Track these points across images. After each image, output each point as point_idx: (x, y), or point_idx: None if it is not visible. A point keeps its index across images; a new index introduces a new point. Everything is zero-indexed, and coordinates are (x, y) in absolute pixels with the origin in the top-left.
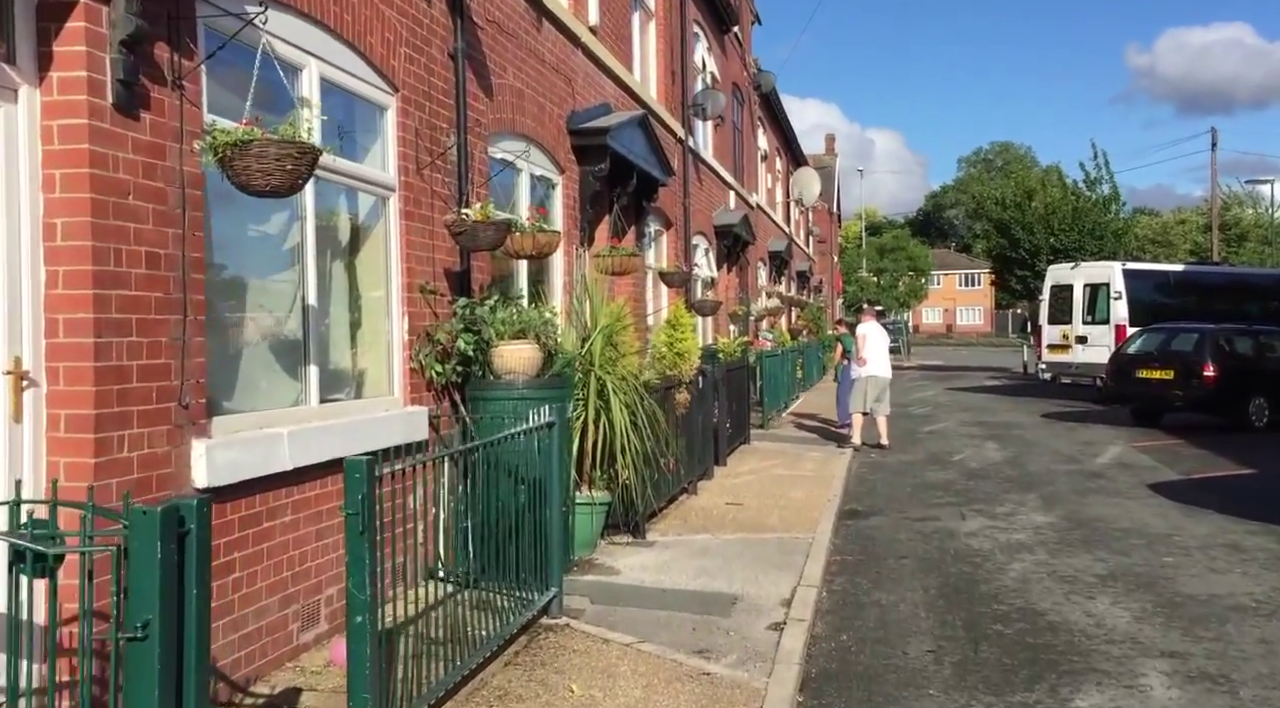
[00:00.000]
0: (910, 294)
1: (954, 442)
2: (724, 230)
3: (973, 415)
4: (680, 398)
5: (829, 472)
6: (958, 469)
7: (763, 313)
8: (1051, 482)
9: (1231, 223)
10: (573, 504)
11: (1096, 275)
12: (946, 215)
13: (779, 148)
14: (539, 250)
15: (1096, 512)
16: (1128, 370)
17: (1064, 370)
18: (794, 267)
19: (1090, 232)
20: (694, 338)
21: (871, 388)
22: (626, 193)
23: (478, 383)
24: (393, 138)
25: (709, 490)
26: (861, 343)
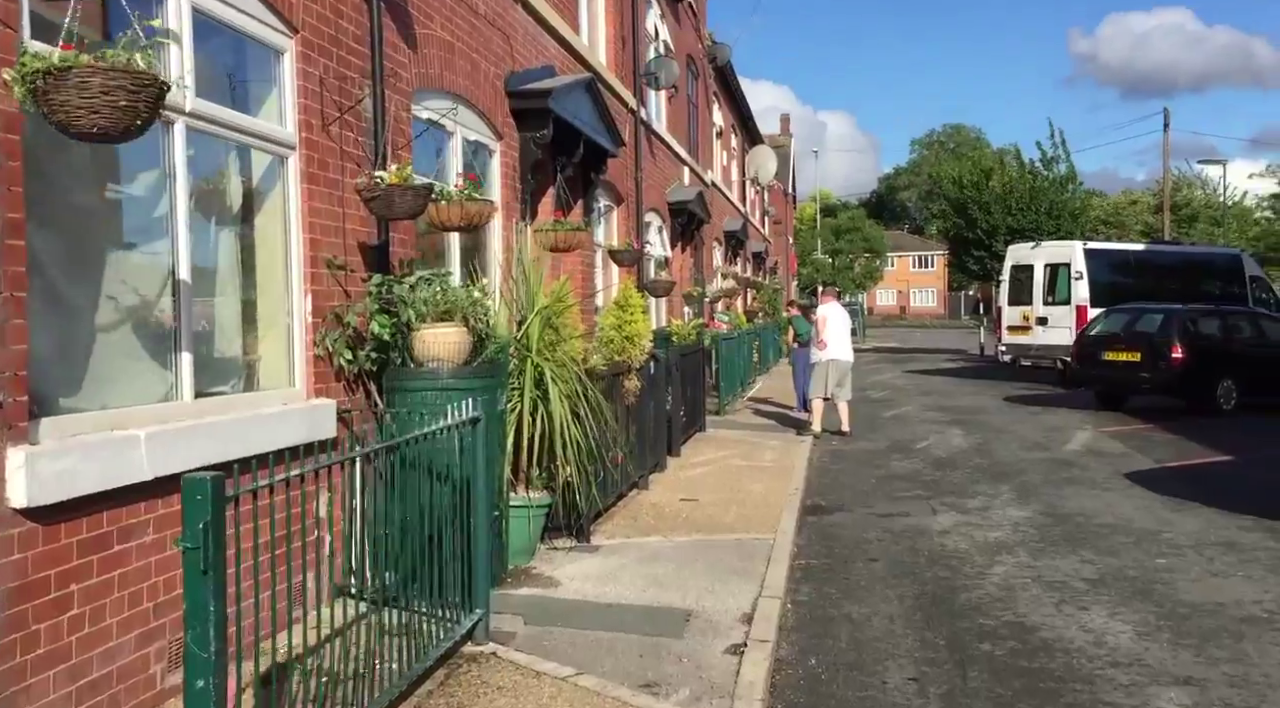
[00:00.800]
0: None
1: (917, 428)
2: (678, 208)
3: (934, 399)
4: (630, 385)
5: (789, 462)
6: (924, 458)
7: (718, 294)
8: (1023, 471)
9: (1182, 204)
10: (506, 508)
11: (1057, 255)
12: (899, 197)
13: (734, 125)
14: (468, 221)
15: (1076, 505)
16: (1093, 353)
17: (1024, 353)
18: (750, 247)
19: (1048, 211)
20: (645, 320)
21: (833, 373)
22: (572, 163)
23: (397, 372)
24: (292, 88)
25: (662, 485)
26: (821, 325)
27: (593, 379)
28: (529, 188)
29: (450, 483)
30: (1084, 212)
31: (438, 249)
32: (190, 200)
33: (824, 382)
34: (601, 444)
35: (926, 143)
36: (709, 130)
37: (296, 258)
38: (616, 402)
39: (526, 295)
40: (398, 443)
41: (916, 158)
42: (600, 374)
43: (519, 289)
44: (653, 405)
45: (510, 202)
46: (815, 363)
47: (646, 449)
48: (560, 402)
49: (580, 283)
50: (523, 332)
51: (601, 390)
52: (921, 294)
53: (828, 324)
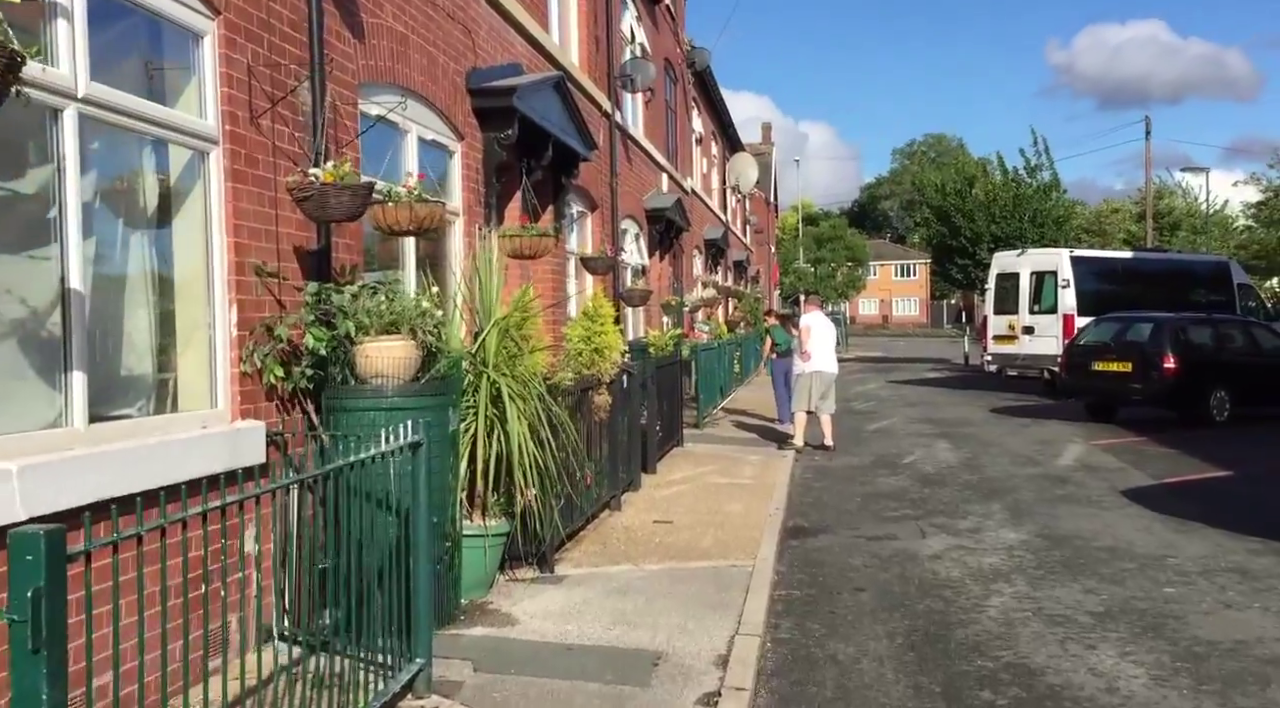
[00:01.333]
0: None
1: (903, 441)
2: (656, 215)
3: (919, 411)
4: (599, 401)
5: (770, 479)
6: (910, 474)
7: (698, 303)
8: (1015, 489)
9: (1164, 212)
10: (459, 537)
11: (1043, 263)
12: (881, 207)
13: (714, 132)
14: (419, 225)
15: (1072, 526)
16: (1082, 363)
17: (1010, 362)
18: (731, 256)
19: (1032, 219)
20: (616, 331)
21: (816, 385)
22: (541, 166)
23: (336, 390)
24: (214, 75)
25: (635, 505)
26: (805, 335)
27: (558, 395)
28: (494, 191)
29: (389, 515)
30: (1068, 219)
31: (393, 257)
32: (90, 198)
33: (807, 394)
34: (568, 465)
35: (908, 152)
36: (688, 137)
37: (219, 264)
38: (585, 418)
39: (483, 305)
40: (320, 475)
41: (898, 167)
42: (567, 390)
43: (476, 298)
44: (626, 421)
45: (472, 206)
46: (799, 374)
47: (619, 467)
48: (519, 421)
49: (550, 292)
50: (478, 344)
51: (569, 407)
52: (904, 303)
53: (811, 334)
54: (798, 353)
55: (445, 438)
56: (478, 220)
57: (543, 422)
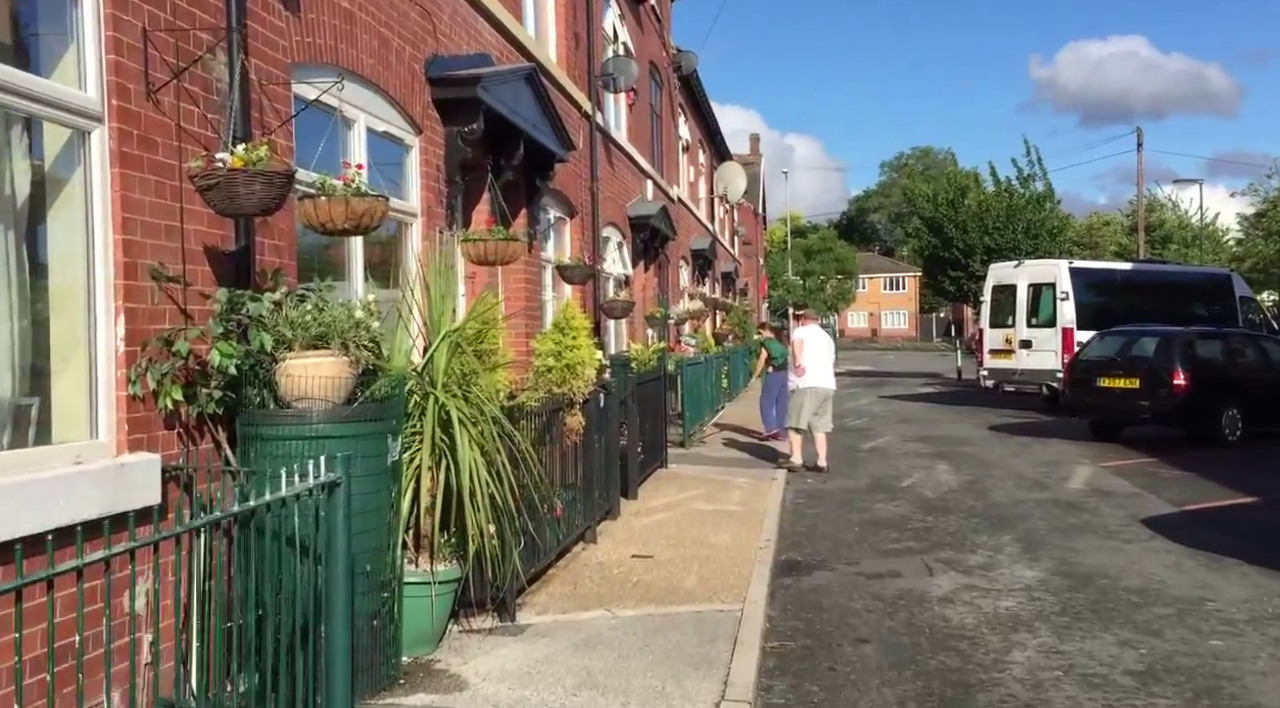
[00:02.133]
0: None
1: (900, 462)
2: (640, 222)
3: (914, 428)
4: (572, 423)
5: (760, 505)
6: (910, 499)
7: (684, 316)
8: (1025, 517)
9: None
10: (400, 586)
11: (1041, 274)
12: (870, 220)
13: (702, 140)
14: (356, 222)
15: (1093, 561)
16: (1087, 379)
17: (1008, 378)
18: (719, 267)
19: (1025, 230)
20: (590, 345)
21: (810, 401)
22: (511, 166)
23: (253, 416)
24: (96, 40)
25: (613, 536)
26: (799, 349)
27: (523, 418)
28: (457, 192)
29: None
30: (1062, 230)
31: (338, 264)
32: None
33: (800, 411)
34: (532, 497)
35: (896, 166)
36: (674, 143)
37: (102, 265)
38: (556, 442)
39: (430, 316)
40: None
41: (886, 180)
42: (531, 412)
43: (425, 309)
44: (603, 443)
45: (432, 207)
46: (792, 390)
47: (595, 496)
48: (470, 448)
49: (523, 303)
50: (426, 361)
51: (537, 430)
52: (893, 316)
53: (805, 348)
54: (791, 367)
55: (384, 471)
56: (439, 223)
57: (500, 449)
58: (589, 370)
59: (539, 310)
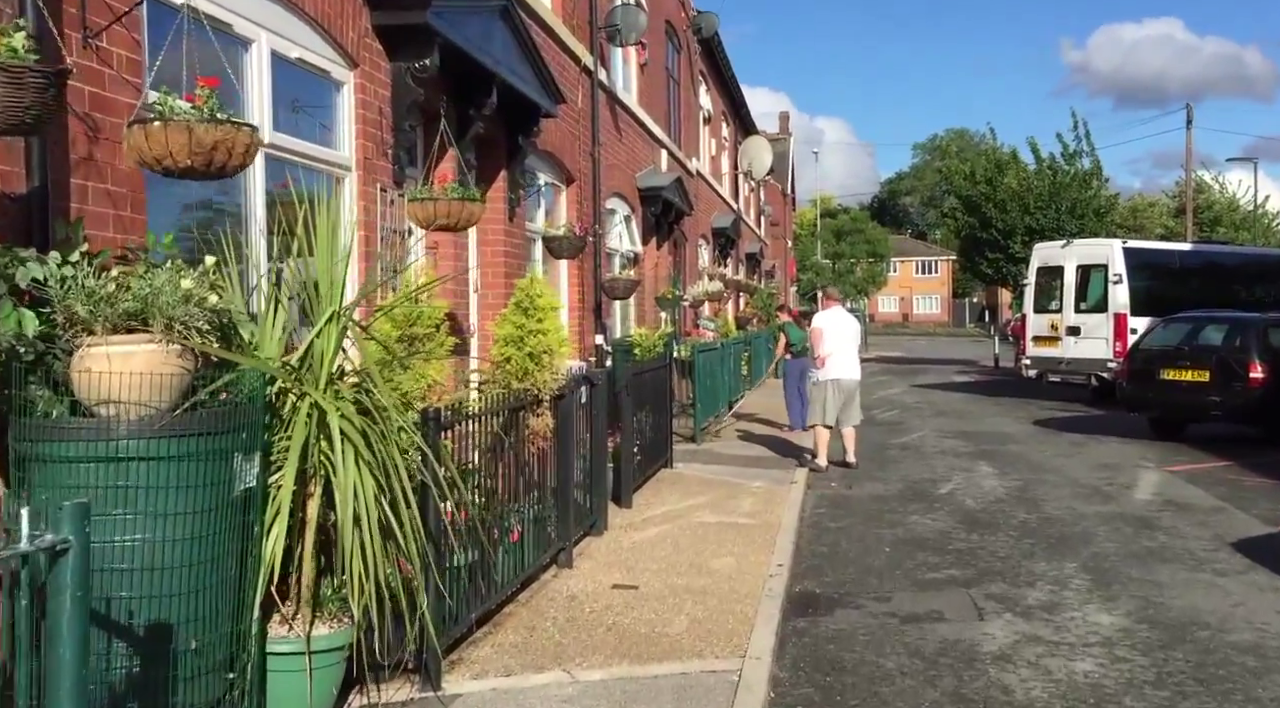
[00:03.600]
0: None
1: (936, 462)
2: (651, 195)
3: (951, 422)
4: (538, 425)
5: (774, 515)
6: (950, 510)
7: (701, 298)
8: (1089, 536)
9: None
10: (255, 658)
11: (1092, 255)
12: (901, 202)
13: (725, 112)
14: (208, 159)
15: (1185, 603)
16: (1148, 371)
17: (1052, 367)
18: (743, 248)
19: (1070, 210)
20: (560, 329)
21: (834, 396)
22: (483, 116)
23: (30, 427)
24: None
25: (595, 557)
26: (818, 339)
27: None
28: (406, 141)
29: None
30: (1110, 211)
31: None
32: None
33: (823, 407)
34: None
35: (929, 147)
36: (694, 114)
37: None
38: (516, 450)
39: (317, 289)
40: None
41: (919, 163)
42: (480, 413)
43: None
44: (590, 444)
45: (372, 159)
46: (814, 383)
47: (572, 510)
48: (356, 469)
49: (502, 280)
50: (304, 351)
51: (490, 435)
52: (925, 301)
53: (825, 336)
54: (811, 358)
55: (228, 504)
56: (382, 179)
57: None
58: (559, 360)
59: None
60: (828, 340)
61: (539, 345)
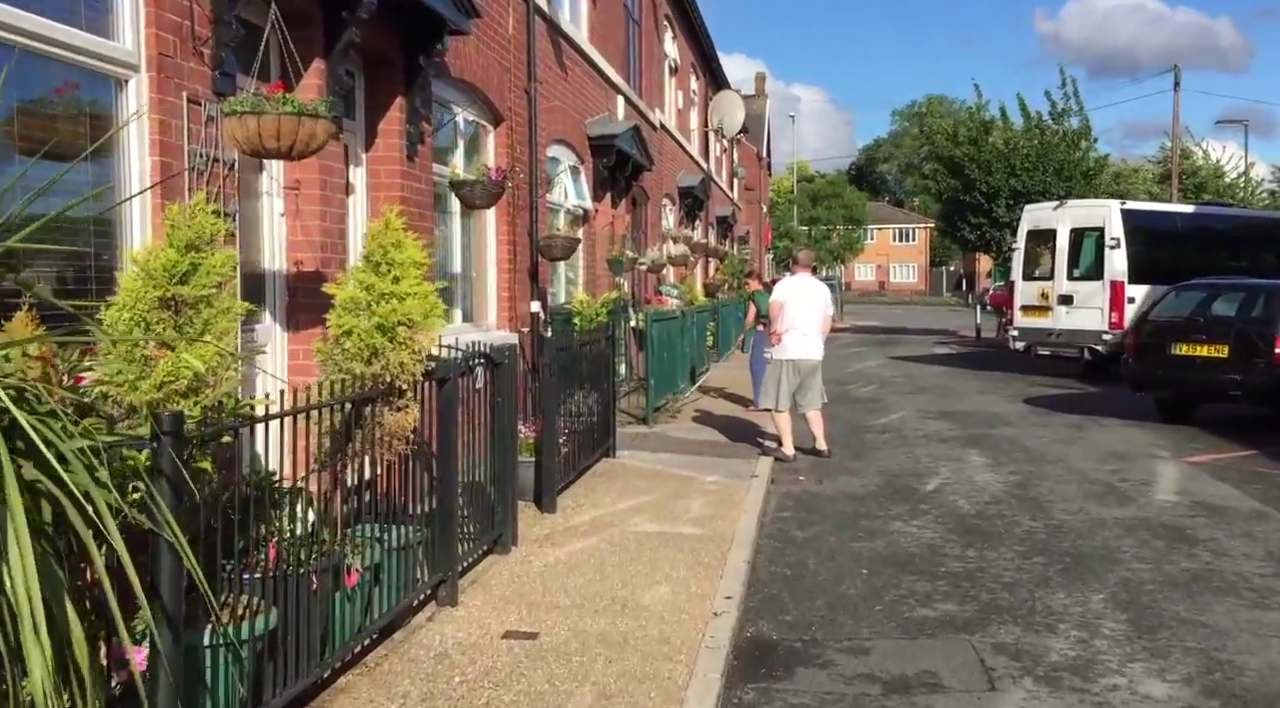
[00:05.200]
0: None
1: (919, 450)
2: (603, 144)
3: (933, 400)
4: (396, 422)
5: (728, 522)
6: (940, 514)
7: (661, 262)
8: (1113, 554)
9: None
10: None
11: (1087, 217)
12: (879, 170)
13: (695, 65)
14: None
15: (1262, 660)
16: (1158, 345)
17: (1041, 339)
18: (713, 210)
19: (1058, 172)
20: (427, 293)
21: (788, 378)
22: (360, 20)
23: None
24: None
25: (492, 587)
26: (777, 312)
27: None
28: (230, 36)
29: None
30: (1099, 172)
31: None
32: None
33: (776, 389)
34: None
35: (908, 113)
36: (658, 61)
37: None
38: (366, 454)
39: None
40: None
41: (897, 129)
42: (280, 415)
43: None
44: (494, 437)
45: (173, 57)
46: (770, 360)
47: (458, 529)
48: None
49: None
50: None
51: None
52: (902, 269)
53: (785, 310)
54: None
55: None
56: (194, 86)
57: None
58: (421, 335)
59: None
60: (788, 314)
61: (393, 314)
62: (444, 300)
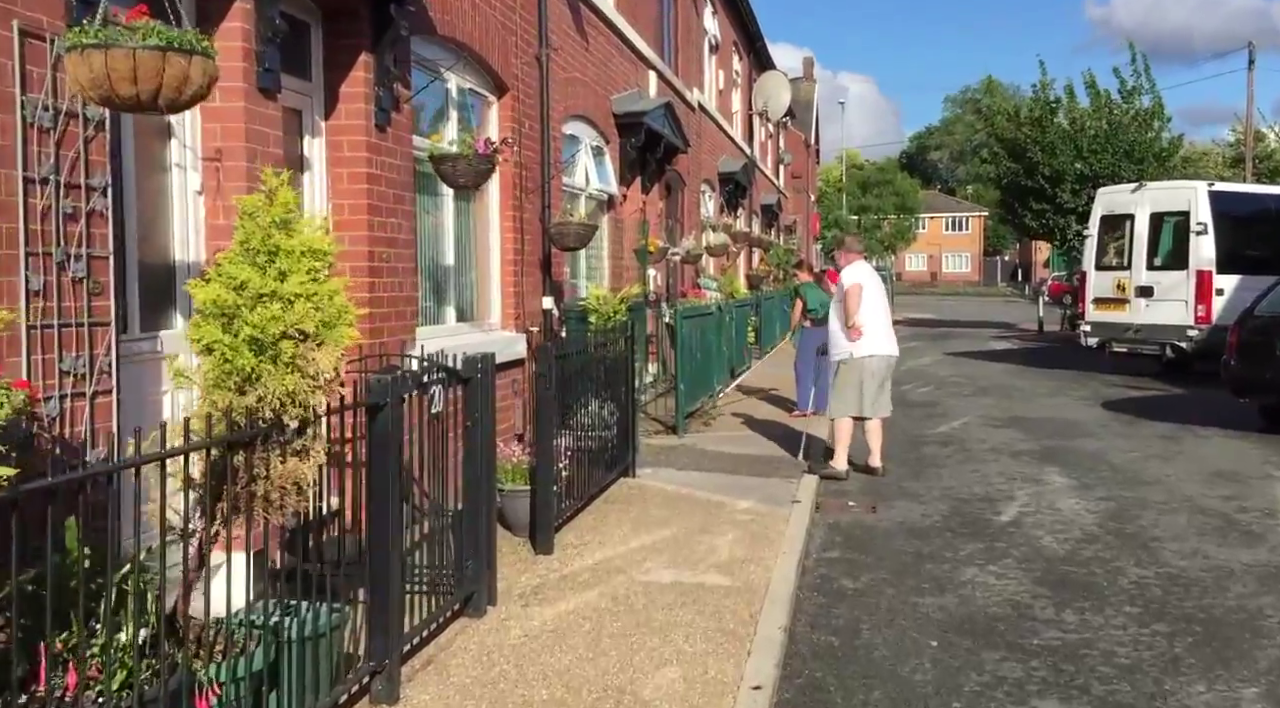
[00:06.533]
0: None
1: (988, 466)
2: (631, 122)
3: (999, 403)
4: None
5: (761, 568)
6: (1023, 555)
7: (697, 252)
8: (1254, 619)
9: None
10: None
11: (1169, 201)
12: (930, 158)
13: (738, 43)
14: None
15: None
16: (1264, 344)
17: (1117, 335)
18: (757, 198)
19: (1128, 153)
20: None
21: (871, 376)
22: None
23: None
24: None
25: (450, 672)
26: (853, 299)
27: None
28: None
29: None
30: (1173, 154)
31: None
32: None
33: (858, 392)
34: None
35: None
36: (696, 37)
37: None
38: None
39: None
40: None
41: (949, 116)
42: None
43: None
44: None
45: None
46: (841, 359)
47: (401, 599)
48: None
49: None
50: None
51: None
52: (954, 259)
53: (864, 298)
54: (840, 323)
55: None
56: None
57: None
58: (323, 352)
59: (410, 236)
60: (865, 304)
61: (274, 324)
62: (435, 299)
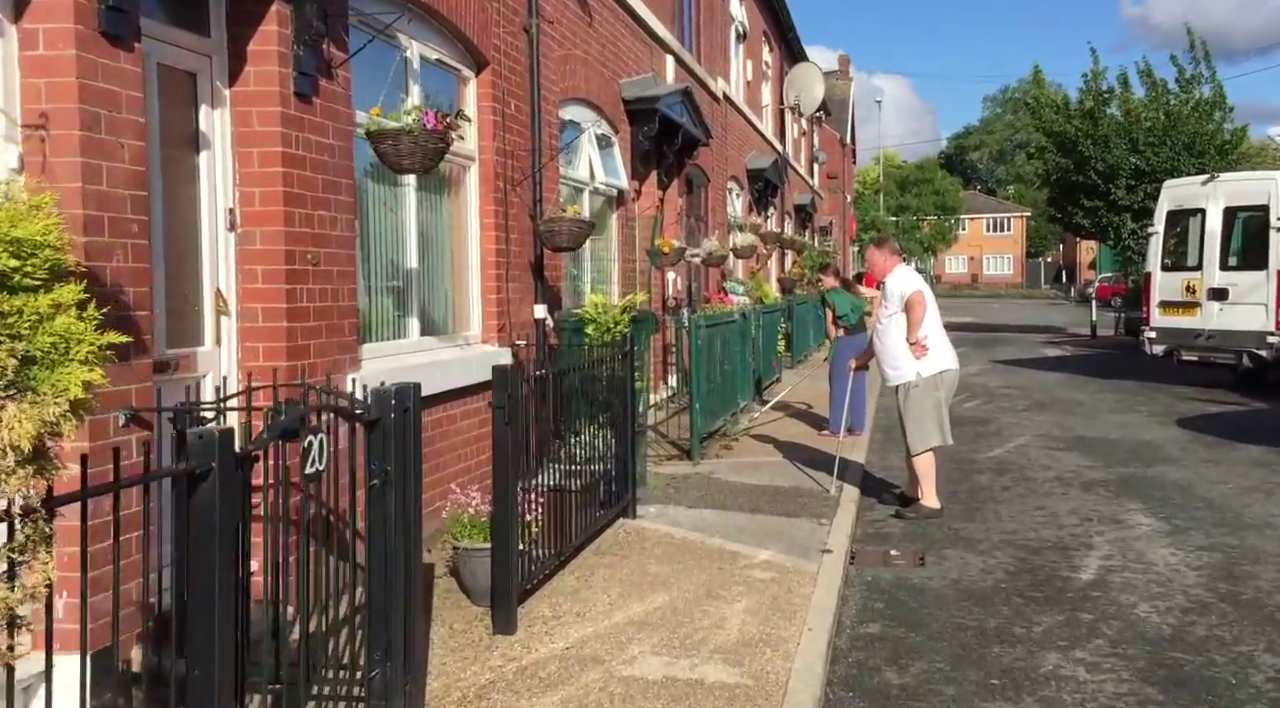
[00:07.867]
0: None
1: (1056, 503)
2: (642, 110)
3: (1058, 421)
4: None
5: (778, 659)
6: (1119, 639)
7: (720, 254)
8: None
9: None
10: None
11: (1245, 193)
12: (970, 158)
13: (768, 33)
14: None
15: None
16: None
17: (1187, 342)
18: (789, 198)
19: (1188, 147)
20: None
21: (945, 398)
22: None
23: None
24: None
25: None
26: (919, 310)
27: None
28: None
29: None
30: (1237, 146)
31: None
32: None
33: (938, 417)
34: None
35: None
36: (721, 23)
37: None
38: None
39: None
40: None
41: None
42: None
43: None
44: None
45: None
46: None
47: None
48: None
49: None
50: None
51: None
52: (996, 261)
53: (928, 308)
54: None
55: None
56: None
57: None
58: (11, 413)
59: (349, 233)
60: (930, 315)
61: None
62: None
